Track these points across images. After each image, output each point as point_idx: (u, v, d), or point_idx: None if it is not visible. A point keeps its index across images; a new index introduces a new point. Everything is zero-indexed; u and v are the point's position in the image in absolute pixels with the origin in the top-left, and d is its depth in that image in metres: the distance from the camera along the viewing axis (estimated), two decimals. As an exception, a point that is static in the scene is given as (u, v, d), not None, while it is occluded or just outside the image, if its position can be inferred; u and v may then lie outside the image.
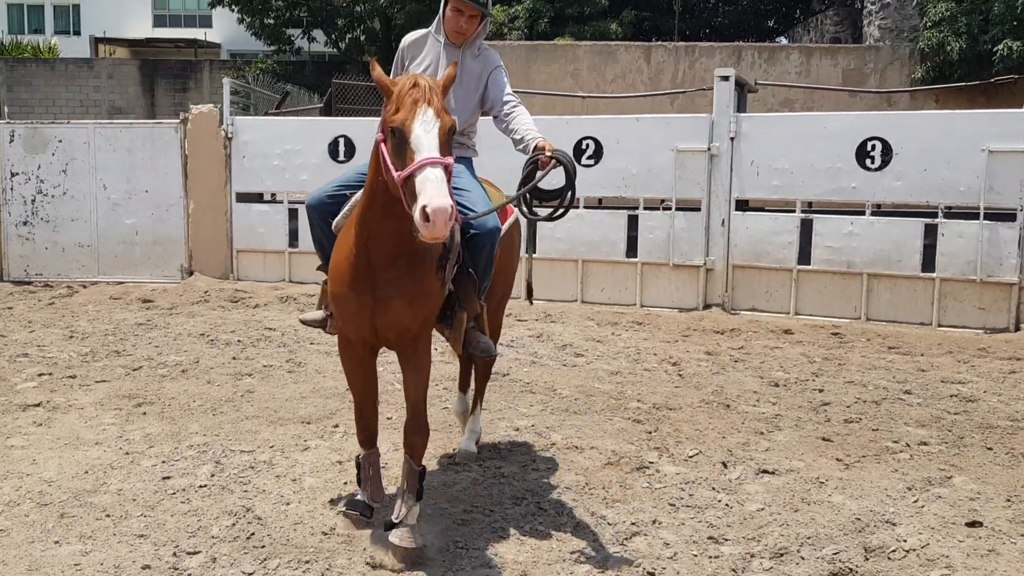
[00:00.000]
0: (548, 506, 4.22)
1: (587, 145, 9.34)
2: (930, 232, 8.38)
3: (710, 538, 3.89)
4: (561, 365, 7.16)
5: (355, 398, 4.04)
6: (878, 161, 8.47)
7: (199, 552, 3.68)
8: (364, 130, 10.10)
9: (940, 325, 8.38)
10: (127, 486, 4.39)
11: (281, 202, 10.40)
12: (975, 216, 8.22)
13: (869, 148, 8.50)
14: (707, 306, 9.26)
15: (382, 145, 3.31)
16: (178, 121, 10.33)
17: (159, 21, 36.90)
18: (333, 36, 27.05)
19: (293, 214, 10.20)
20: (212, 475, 4.54)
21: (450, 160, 3.19)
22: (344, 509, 4.00)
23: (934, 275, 8.38)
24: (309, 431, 5.31)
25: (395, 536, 3.59)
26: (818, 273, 8.80)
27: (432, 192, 3.03)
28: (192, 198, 10.30)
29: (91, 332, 8.14)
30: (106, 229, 10.42)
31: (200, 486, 4.39)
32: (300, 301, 9.59)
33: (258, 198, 10.63)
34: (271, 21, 26.63)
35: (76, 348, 7.51)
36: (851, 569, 3.59)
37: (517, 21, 20.31)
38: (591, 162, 9.33)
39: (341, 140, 10.00)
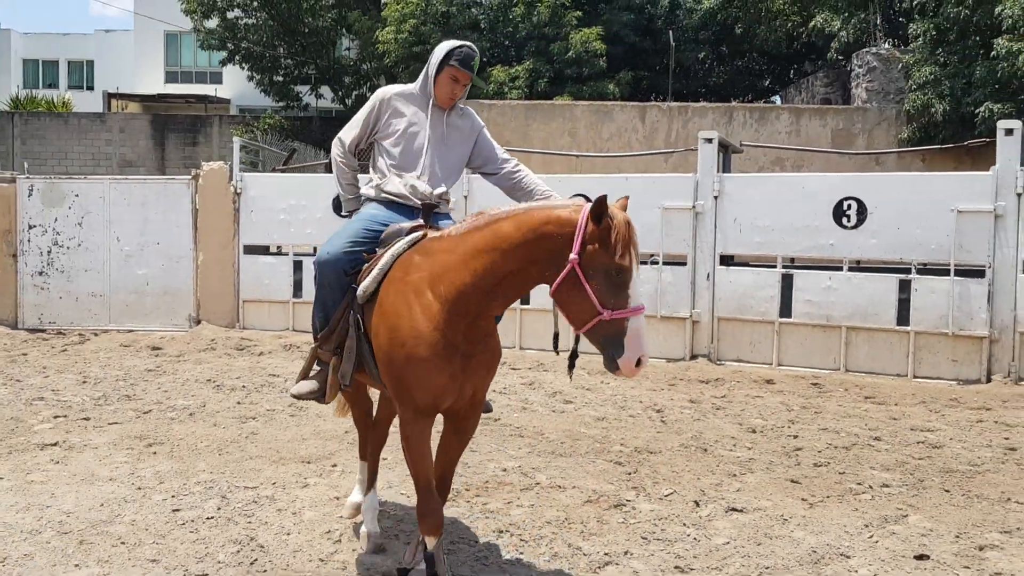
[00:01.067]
0: (529, 538, 4.57)
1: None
2: (904, 287, 8.79)
3: (676, 567, 4.23)
4: (550, 411, 7.52)
5: (425, 478, 3.68)
6: (854, 220, 8.92)
7: (206, 575, 4.02)
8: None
9: (916, 376, 8.74)
10: (140, 517, 4.74)
11: (287, 254, 10.86)
12: (946, 272, 8.63)
13: (845, 207, 8.95)
14: (693, 356, 9.64)
15: (579, 271, 3.25)
16: (190, 177, 10.85)
17: (171, 77, 37.91)
18: (340, 93, 27.86)
19: (298, 266, 10.66)
20: (219, 508, 4.90)
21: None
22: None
23: (909, 328, 8.76)
24: (309, 470, 5.66)
25: None
26: (799, 326, 9.20)
27: (646, 344, 3.25)
28: (201, 250, 10.77)
29: (103, 377, 8.53)
30: (118, 279, 10.88)
31: (207, 518, 4.74)
32: (303, 349, 9.98)
33: (264, 250, 11.09)
34: (280, 78, 27.46)
35: (89, 392, 7.89)
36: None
37: (517, 81, 21.00)
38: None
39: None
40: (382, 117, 4.24)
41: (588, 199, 3.40)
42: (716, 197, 9.47)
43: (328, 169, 14.77)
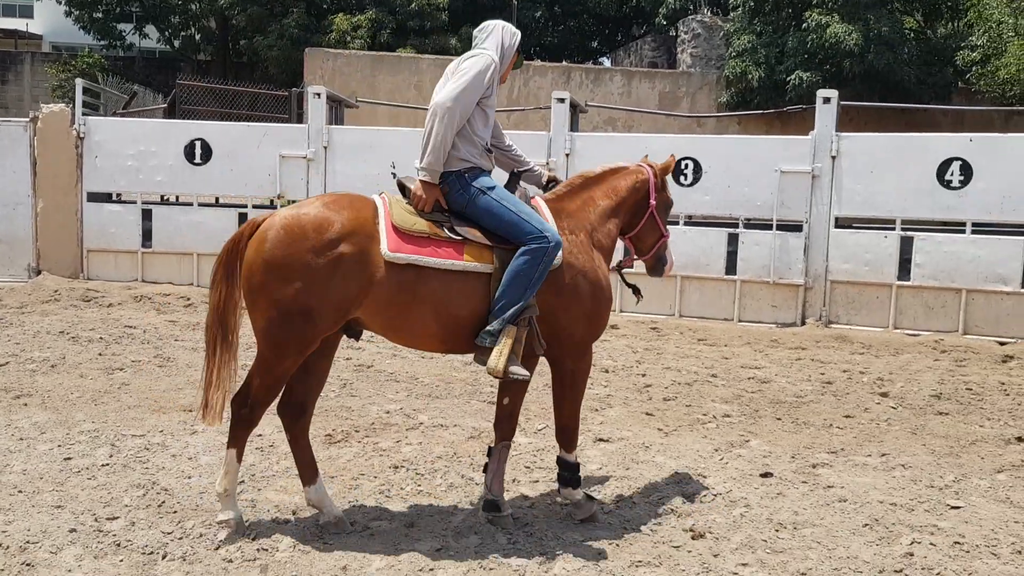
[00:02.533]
0: (424, 471, 4.93)
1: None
2: (732, 240, 9.68)
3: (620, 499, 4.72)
4: (419, 357, 7.85)
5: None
6: (690, 178, 9.69)
7: (118, 518, 4.14)
8: (221, 134, 10.43)
9: (741, 320, 9.69)
10: (30, 467, 4.74)
11: (135, 202, 10.52)
12: (769, 227, 9.58)
13: (683, 167, 9.70)
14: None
15: (655, 212, 4.52)
16: (28, 120, 10.26)
17: (-29, 8, 34.64)
18: (167, 33, 26.52)
19: (147, 214, 10.39)
20: (111, 456, 4.95)
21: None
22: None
23: (736, 278, 9.68)
24: (193, 418, 5.75)
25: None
26: (638, 276, 9.90)
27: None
28: (41, 197, 10.26)
29: (-59, 331, 8.11)
30: (-53, 228, 10.22)
31: (102, 465, 4.80)
32: (155, 300, 9.80)
33: (109, 198, 10.70)
34: (100, 15, 25.77)
35: (-70, 346, 7.51)
36: (673, 510, 4.50)
37: (360, 31, 20.81)
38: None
39: (198, 143, 10.29)
40: (494, 83, 4.16)
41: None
42: (568, 155, 10.01)
43: (167, 113, 14.29)
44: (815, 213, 9.43)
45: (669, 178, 4.80)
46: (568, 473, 4.36)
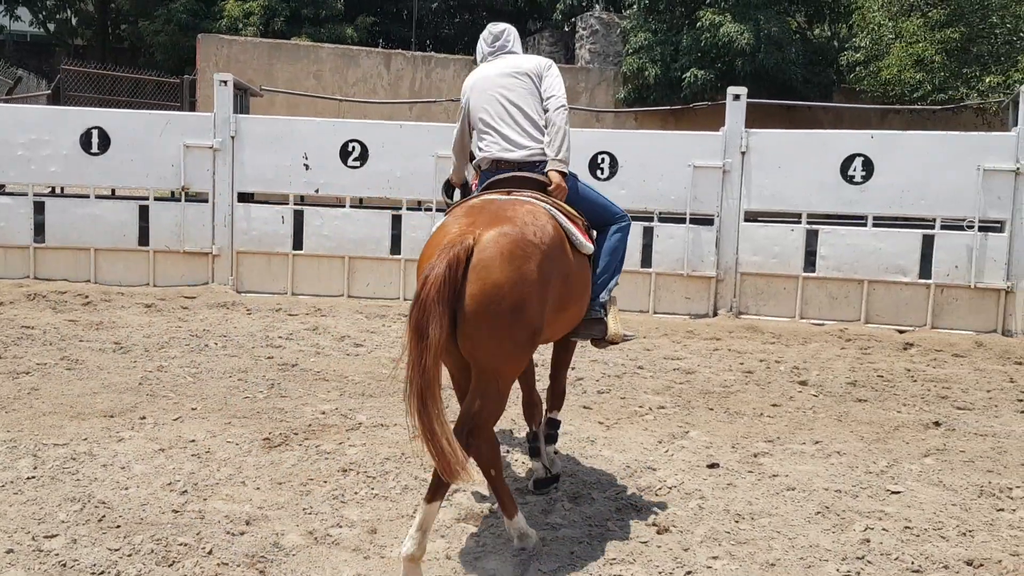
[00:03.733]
0: (375, 474, 4.79)
1: (353, 147, 9.86)
2: (648, 234, 9.82)
3: (517, 490, 4.67)
4: (344, 355, 7.66)
5: None
6: (607, 172, 9.79)
7: (57, 535, 3.85)
8: (120, 122, 9.88)
9: (656, 312, 9.86)
10: (-55, 484, 4.36)
11: (25, 194, 9.85)
12: (683, 221, 9.77)
13: (599, 161, 9.79)
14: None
15: None
16: (-102, 105, 9.46)
17: None
18: (41, 16, 24.97)
19: (39, 207, 9.74)
20: (35, 467, 4.61)
21: None
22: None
23: (651, 270, 9.83)
24: (117, 424, 5.42)
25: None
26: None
27: None
28: (-85, 189, 9.49)
29: None
30: None
31: (28, 478, 4.46)
32: (50, 298, 9.21)
33: (-2, 190, 10.03)
34: (-37, -7, 24.07)
35: None
36: (632, 504, 4.51)
37: (252, 17, 20.13)
38: (357, 164, 9.87)
39: (95, 132, 9.71)
40: None
41: None
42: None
43: (52, 100, 13.47)
44: (726, 207, 9.68)
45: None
46: (556, 431, 4.88)
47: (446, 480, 3.46)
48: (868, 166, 9.33)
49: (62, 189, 10.56)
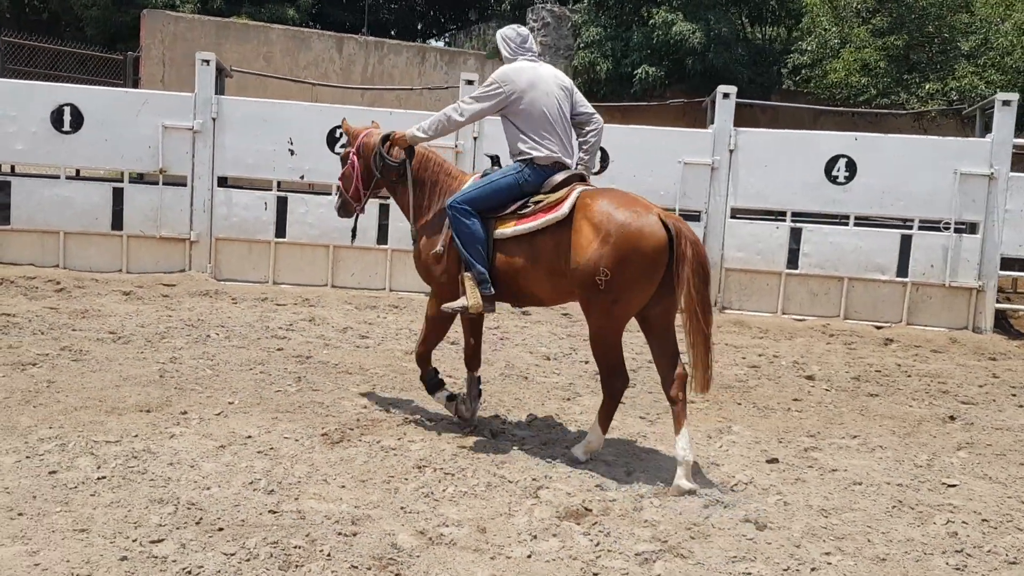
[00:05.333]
0: (452, 470, 4.69)
1: (341, 134, 9.60)
2: (638, 229, 9.89)
3: (597, 485, 4.64)
4: (355, 347, 7.48)
5: None
6: (597, 167, 9.81)
7: (163, 540, 3.63)
8: (93, 99, 9.38)
9: (644, 307, 9.94)
10: (13, 484, 4.06)
11: (-13, 174, 9.26)
12: (672, 217, 9.87)
13: (591, 155, 9.79)
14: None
15: None
16: None
17: None
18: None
19: (4, 188, 9.15)
20: (98, 467, 4.34)
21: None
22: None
23: (640, 265, 9.91)
24: (160, 419, 5.16)
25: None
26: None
27: None
28: None
29: None
30: None
31: (98, 478, 4.20)
32: (19, 284, 8.69)
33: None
34: None
35: None
36: (717, 501, 4.54)
37: (189, -7, 19.34)
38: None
39: (67, 108, 9.18)
40: None
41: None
42: (475, 138, 9.83)
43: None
44: (713, 203, 9.84)
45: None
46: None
47: (703, 392, 5.08)
48: (851, 167, 9.63)
49: (14, 169, 9.91)
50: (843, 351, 8.71)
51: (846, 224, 9.80)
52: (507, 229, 5.00)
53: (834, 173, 9.67)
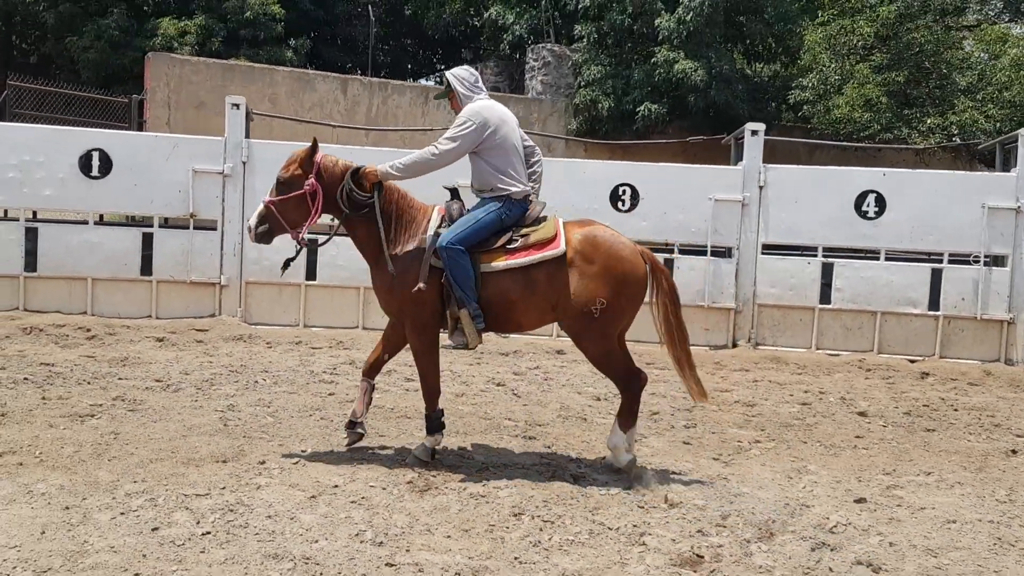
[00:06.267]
0: (550, 517, 4.59)
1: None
2: (668, 266, 9.90)
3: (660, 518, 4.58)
4: (404, 391, 7.38)
5: None
6: (628, 204, 9.84)
7: (290, 597, 3.52)
8: (122, 144, 9.29)
9: (677, 344, 9.90)
10: (116, 542, 3.93)
11: (16, 220, 9.09)
12: (702, 253, 9.91)
13: (621, 192, 9.83)
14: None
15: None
16: None
17: None
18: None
19: (32, 234, 9.00)
20: (198, 522, 4.21)
21: (266, 200, 5.32)
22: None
23: (672, 302, 9.89)
24: (239, 469, 5.03)
25: None
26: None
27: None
28: None
29: None
30: None
31: (203, 533, 4.07)
32: (50, 332, 8.51)
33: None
34: None
35: None
36: (823, 543, 4.48)
37: (188, 37, 19.33)
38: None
39: (96, 154, 9.07)
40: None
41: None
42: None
43: None
44: (744, 239, 9.87)
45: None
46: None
47: (703, 400, 5.63)
48: (881, 202, 9.71)
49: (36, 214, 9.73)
50: (884, 386, 8.71)
51: (877, 259, 9.86)
52: (499, 263, 5.20)
53: (864, 208, 9.74)
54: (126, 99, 15.73)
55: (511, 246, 5.22)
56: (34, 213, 9.70)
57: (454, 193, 5.47)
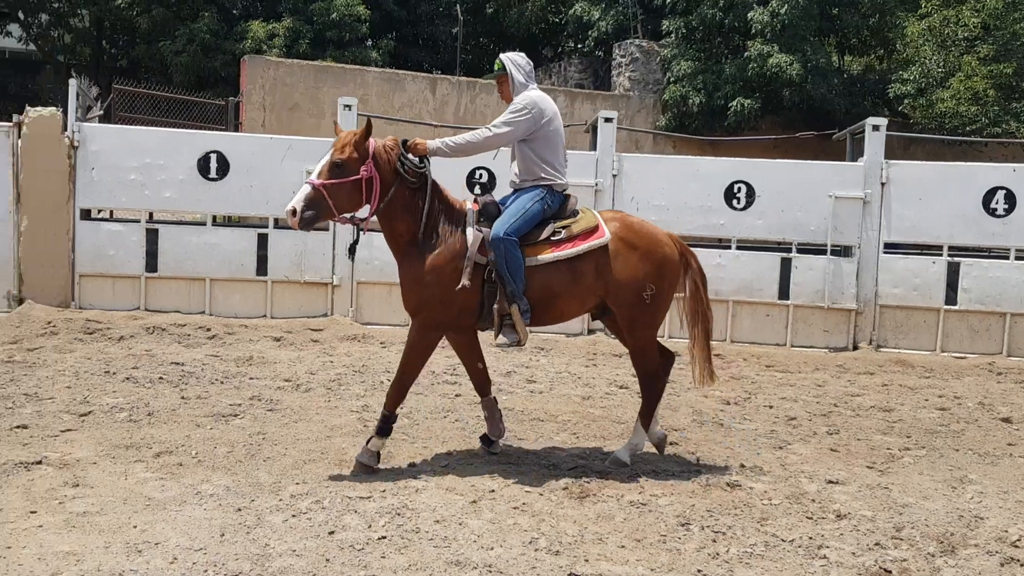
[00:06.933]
0: (720, 527, 4.43)
1: (480, 175, 9.50)
2: (785, 265, 9.63)
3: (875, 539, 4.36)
4: (528, 392, 7.27)
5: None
6: (743, 202, 9.58)
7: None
8: (239, 146, 9.39)
9: (793, 345, 9.64)
10: (297, 545, 3.89)
11: (137, 221, 9.25)
12: (821, 252, 9.61)
13: (736, 190, 9.58)
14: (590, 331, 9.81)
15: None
16: (11, 124, 8.78)
17: None
18: (33, 29, 23.91)
19: (152, 235, 9.14)
20: (369, 526, 4.16)
21: (316, 182, 4.83)
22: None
23: (788, 302, 9.63)
24: (393, 473, 4.98)
25: None
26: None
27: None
28: (25, 214, 8.80)
29: (-42, 373, 6.73)
30: (-96, 246, 8.57)
31: (379, 538, 4.01)
32: (172, 332, 8.61)
33: (108, 216, 9.42)
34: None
35: (-36, 393, 6.20)
36: (1011, 558, 4.23)
37: (276, 39, 19.54)
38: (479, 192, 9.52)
39: (213, 156, 9.17)
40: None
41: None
42: (616, 176, 9.67)
43: (103, 120, 12.79)
44: (865, 238, 9.54)
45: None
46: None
47: (710, 384, 5.77)
48: (1011, 199, 9.29)
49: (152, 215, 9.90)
50: (1019, 390, 8.32)
51: (1007, 258, 9.43)
52: (545, 256, 5.08)
53: (993, 205, 9.33)
54: (224, 102, 15.97)
55: (555, 238, 5.11)
56: (151, 215, 9.87)
57: (484, 187, 5.40)
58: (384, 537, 4.02)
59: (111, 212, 9.94)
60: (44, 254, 8.87)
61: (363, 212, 5.02)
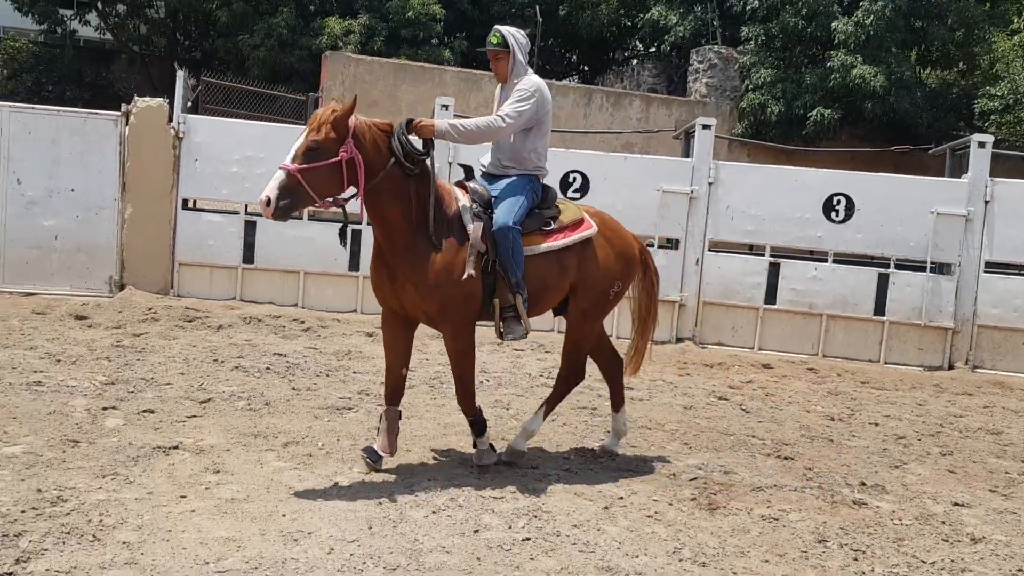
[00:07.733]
0: (859, 546, 4.35)
1: (574, 179, 9.49)
2: (882, 280, 9.45)
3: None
4: (630, 399, 7.17)
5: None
6: (842, 215, 9.43)
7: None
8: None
9: (887, 362, 9.45)
10: (445, 542, 3.90)
11: (237, 213, 9.39)
12: (919, 268, 9.41)
13: (834, 202, 9.43)
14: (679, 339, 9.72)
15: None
16: (120, 114, 8.96)
17: None
18: (110, 20, 24.39)
19: (250, 227, 9.26)
20: (510, 526, 4.16)
21: (290, 167, 4.35)
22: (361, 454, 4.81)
23: (884, 318, 9.44)
24: (515, 475, 4.96)
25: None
26: (783, 312, 9.56)
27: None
28: (130, 202, 8.97)
29: (75, 354, 6.86)
30: (17, 231, 8.75)
31: (523, 540, 4.01)
32: (267, 323, 8.71)
33: (208, 206, 9.59)
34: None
35: (84, 374, 6.32)
36: None
37: (352, 36, 19.73)
38: (577, 196, 9.50)
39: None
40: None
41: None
42: (711, 184, 9.57)
43: (189, 111, 13.00)
44: (966, 256, 9.33)
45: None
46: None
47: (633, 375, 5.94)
48: (1118, 221, 9.02)
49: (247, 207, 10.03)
50: None
51: (1116, 281, 9.17)
52: (539, 246, 4.96)
53: (1099, 227, 9.07)
54: (304, 97, 16.17)
55: (547, 228, 5.00)
56: (245, 207, 10.00)
57: (468, 172, 5.25)
58: (528, 539, 4.02)
59: (194, 202, 10.10)
60: (146, 242, 9.03)
61: (348, 194, 4.60)
